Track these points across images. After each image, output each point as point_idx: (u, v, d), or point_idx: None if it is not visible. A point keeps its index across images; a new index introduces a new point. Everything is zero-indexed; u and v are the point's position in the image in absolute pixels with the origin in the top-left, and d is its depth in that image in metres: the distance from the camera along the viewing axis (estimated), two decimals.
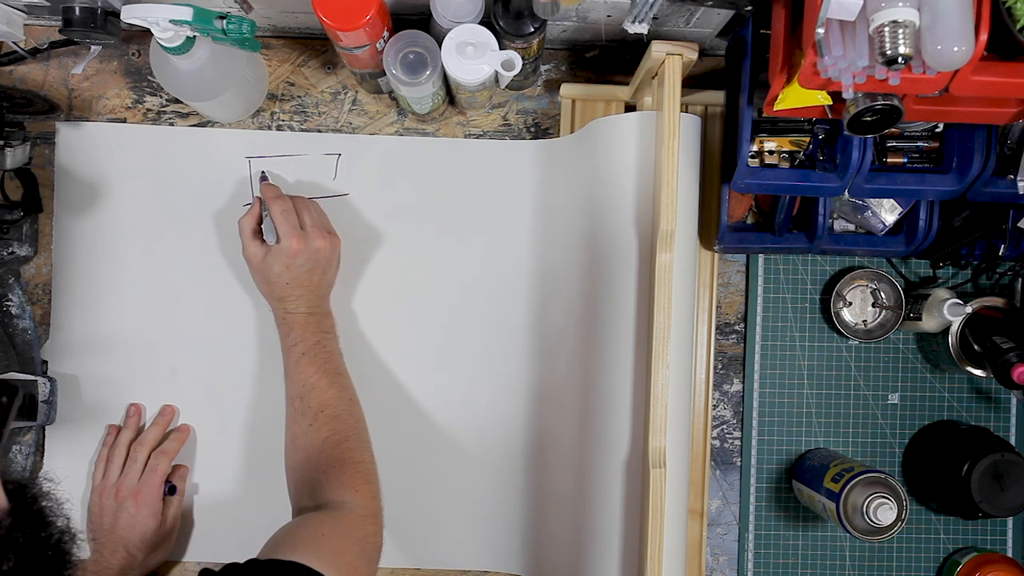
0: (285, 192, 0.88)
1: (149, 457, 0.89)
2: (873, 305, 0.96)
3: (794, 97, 0.70)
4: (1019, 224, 0.87)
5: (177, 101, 0.93)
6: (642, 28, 0.75)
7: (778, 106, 0.71)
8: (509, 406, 0.94)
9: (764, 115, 0.77)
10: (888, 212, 0.90)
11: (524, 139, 0.95)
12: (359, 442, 0.85)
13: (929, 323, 0.91)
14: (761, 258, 0.96)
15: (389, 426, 0.93)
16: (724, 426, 0.96)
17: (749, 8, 0.77)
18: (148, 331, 0.93)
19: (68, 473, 0.92)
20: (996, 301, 0.92)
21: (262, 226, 0.87)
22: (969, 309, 0.89)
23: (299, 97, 0.94)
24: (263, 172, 0.92)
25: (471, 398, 0.94)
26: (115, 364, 0.92)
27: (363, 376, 0.93)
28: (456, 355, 0.94)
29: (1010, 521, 0.97)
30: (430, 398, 0.94)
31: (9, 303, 0.90)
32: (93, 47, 0.88)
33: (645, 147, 0.83)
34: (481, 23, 0.80)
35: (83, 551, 0.87)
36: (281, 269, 0.84)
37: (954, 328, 0.90)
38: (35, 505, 0.53)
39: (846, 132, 0.69)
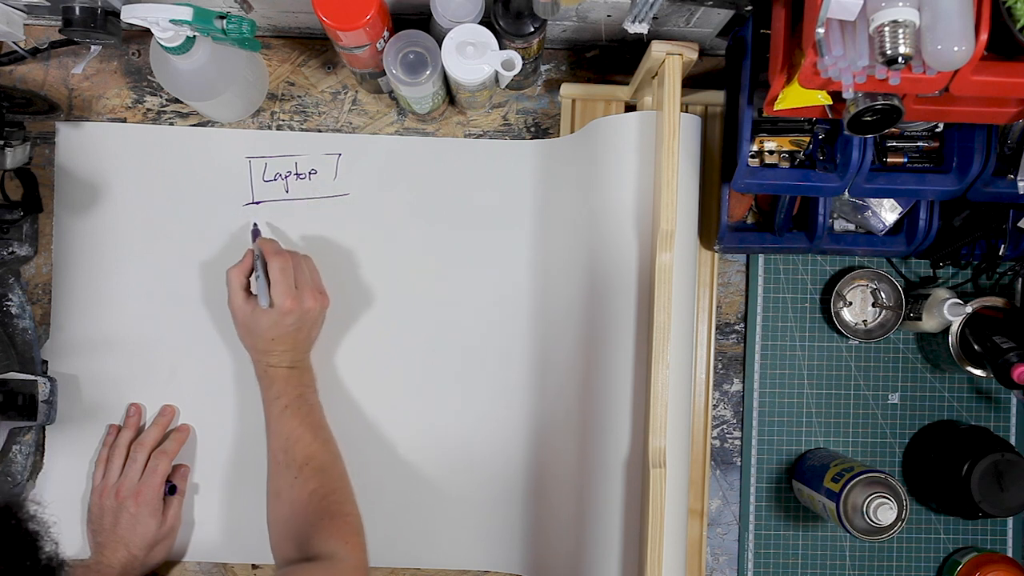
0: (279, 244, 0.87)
1: (149, 457, 0.89)
2: (873, 305, 0.96)
3: (794, 97, 0.70)
4: (1019, 224, 0.87)
5: (177, 101, 0.93)
6: (642, 28, 0.75)
7: (778, 106, 0.71)
8: (509, 405, 0.94)
9: (764, 115, 0.77)
10: (888, 212, 0.90)
11: (524, 139, 0.95)
12: (345, 495, 0.85)
13: (929, 323, 0.91)
14: (761, 258, 0.96)
15: (389, 425, 0.93)
16: (724, 426, 0.96)
17: (749, 8, 0.77)
18: (148, 331, 0.93)
19: (68, 473, 0.92)
20: (996, 301, 0.92)
21: (251, 278, 0.86)
22: (969, 309, 0.89)
23: (299, 97, 0.94)
24: (255, 225, 0.91)
25: (470, 397, 0.94)
26: (115, 364, 0.92)
27: (364, 374, 0.93)
28: (455, 354, 0.94)
29: (1010, 521, 0.97)
30: (430, 397, 0.94)
31: (9, 303, 0.90)
32: (93, 47, 0.88)
33: (645, 147, 0.83)
34: (481, 23, 0.80)
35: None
36: (269, 325, 0.84)
37: (954, 328, 0.90)
38: (20, 530, 0.52)
39: (846, 132, 0.69)
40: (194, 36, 0.78)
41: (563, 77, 0.95)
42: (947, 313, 0.88)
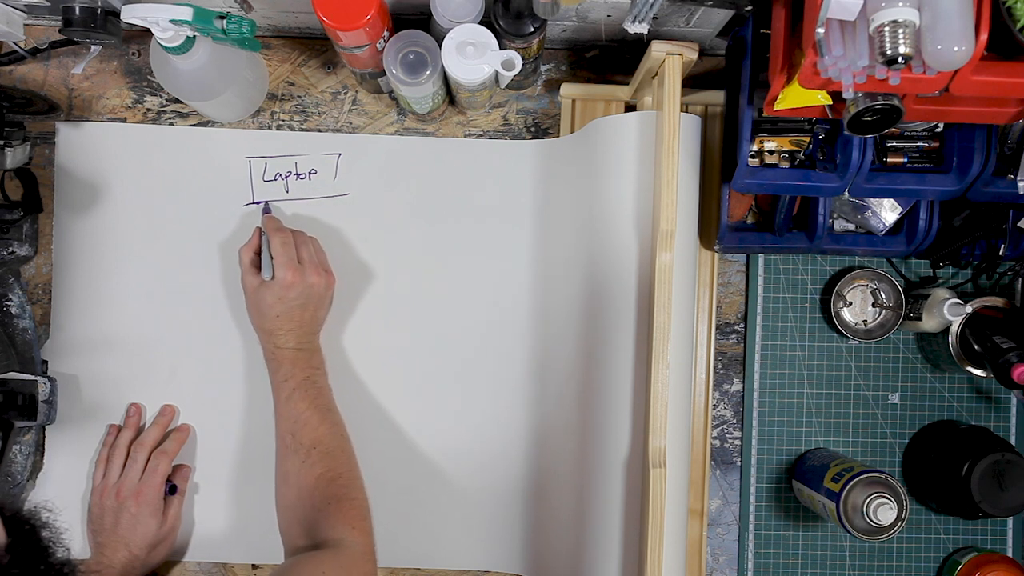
0: (287, 226, 0.88)
1: (149, 457, 0.89)
2: (873, 305, 0.96)
3: (794, 97, 0.70)
4: (1019, 224, 0.87)
5: (177, 101, 0.93)
6: (642, 28, 0.75)
7: (778, 106, 0.71)
8: (509, 405, 0.94)
9: (764, 115, 0.77)
10: (888, 212, 0.90)
11: (524, 139, 0.95)
12: (352, 479, 0.85)
13: (929, 323, 0.91)
14: (761, 258, 0.96)
15: (389, 425, 0.93)
16: (724, 426, 0.96)
17: (749, 8, 0.77)
18: (148, 331, 0.93)
19: (68, 473, 0.92)
20: (996, 301, 0.92)
21: (261, 256, 0.87)
22: (969, 309, 0.89)
23: (299, 97, 0.94)
24: (266, 203, 0.92)
25: (470, 397, 0.94)
26: (115, 364, 0.92)
27: (363, 375, 0.93)
28: (455, 354, 0.94)
29: (1010, 521, 0.97)
30: (430, 397, 0.94)
31: (9, 303, 0.90)
32: (93, 47, 0.88)
33: (645, 147, 0.83)
34: (481, 23, 0.80)
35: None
36: (273, 300, 0.84)
37: (954, 328, 0.90)
38: (34, 537, 0.52)
39: (846, 132, 0.69)
40: (194, 36, 0.77)
41: (563, 77, 0.95)
42: (947, 313, 0.88)
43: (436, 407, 0.94)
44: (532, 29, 0.80)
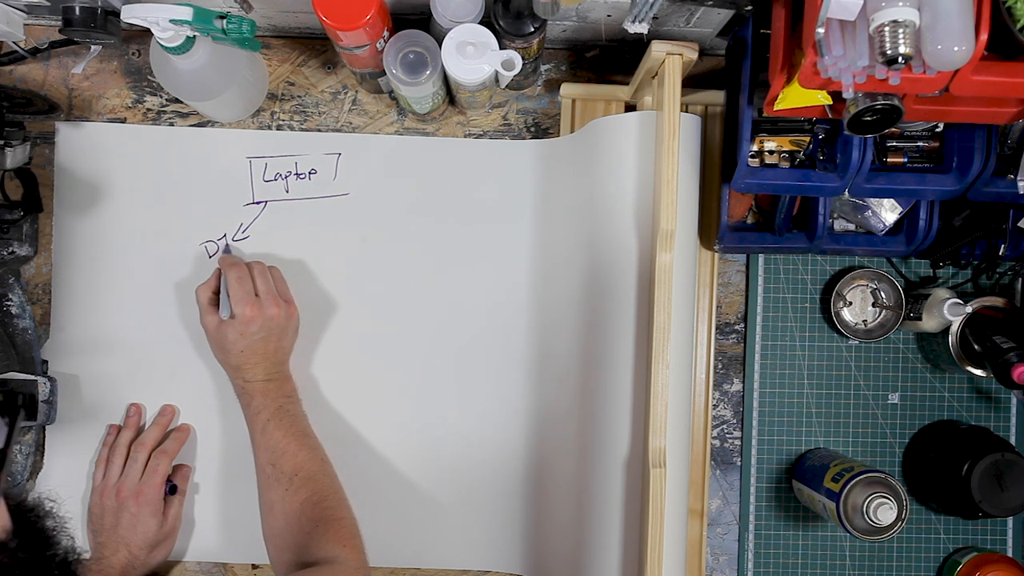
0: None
1: (150, 457, 0.89)
2: (873, 305, 0.96)
3: (794, 97, 0.70)
4: (1019, 224, 0.87)
5: (177, 101, 0.93)
6: (642, 28, 0.75)
7: (778, 106, 0.71)
8: (508, 405, 0.94)
9: (764, 115, 0.77)
10: (888, 212, 0.90)
11: (524, 139, 0.95)
12: (337, 500, 0.85)
13: (929, 323, 0.91)
14: (761, 258, 0.96)
15: (390, 425, 0.93)
16: (724, 426, 0.96)
17: (749, 8, 0.77)
18: (148, 331, 0.93)
19: (68, 473, 0.92)
20: (996, 301, 0.92)
21: (220, 296, 0.87)
22: (969, 309, 0.89)
23: (299, 97, 0.94)
24: (227, 244, 0.92)
25: (470, 397, 0.94)
26: (115, 364, 0.92)
27: (364, 374, 0.93)
28: (455, 354, 0.94)
29: (1010, 521, 0.97)
30: (429, 397, 0.94)
31: (9, 303, 0.90)
32: (93, 47, 0.88)
33: (645, 147, 0.83)
34: (481, 23, 0.80)
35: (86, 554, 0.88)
36: (235, 336, 0.84)
37: (954, 328, 0.90)
38: (39, 524, 0.53)
39: (846, 132, 0.69)
40: (194, 36, 0.77)
41: (563, 77, 0.95)
42: (947, 313, 0.88)
43: (436, 407, 0.94)
44: (532, 29, 0.80)
